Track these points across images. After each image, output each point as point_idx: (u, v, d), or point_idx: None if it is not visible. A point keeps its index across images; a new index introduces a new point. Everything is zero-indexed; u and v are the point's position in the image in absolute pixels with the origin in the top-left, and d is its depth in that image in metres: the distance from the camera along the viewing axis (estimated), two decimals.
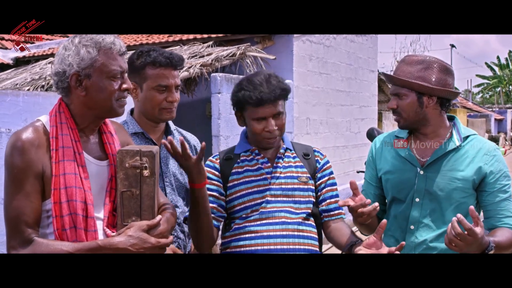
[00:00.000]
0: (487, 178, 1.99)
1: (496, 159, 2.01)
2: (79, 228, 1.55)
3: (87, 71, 1.60)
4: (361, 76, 8.88)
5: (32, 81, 6.27)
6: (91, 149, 1.68)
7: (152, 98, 2.17)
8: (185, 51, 6.37)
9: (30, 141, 1.55)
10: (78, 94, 1.62)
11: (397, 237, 2.10)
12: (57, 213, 1.54)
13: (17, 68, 8.27)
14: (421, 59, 2.03)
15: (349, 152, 8.41)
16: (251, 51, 6.17)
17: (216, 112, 5.51)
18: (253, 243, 1.99)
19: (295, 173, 2.11)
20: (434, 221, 2.01)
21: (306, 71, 7.19)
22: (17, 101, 3.99)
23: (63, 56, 1.62)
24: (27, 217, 1.51)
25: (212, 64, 5.72)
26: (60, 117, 1.63)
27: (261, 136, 2.04)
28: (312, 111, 7.38)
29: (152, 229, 1.61)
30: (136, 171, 1.63)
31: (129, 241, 1.54)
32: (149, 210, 1.64)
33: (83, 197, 1.57)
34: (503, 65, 44.74)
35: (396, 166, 2.11)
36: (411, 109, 2.03)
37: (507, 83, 44.69)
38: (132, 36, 8.57)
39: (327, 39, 7.76)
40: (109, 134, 1.74)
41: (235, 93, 2.06)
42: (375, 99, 9.59)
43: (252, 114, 2.02)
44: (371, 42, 9.20)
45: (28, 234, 1.51)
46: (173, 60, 2.18)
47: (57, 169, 1.55)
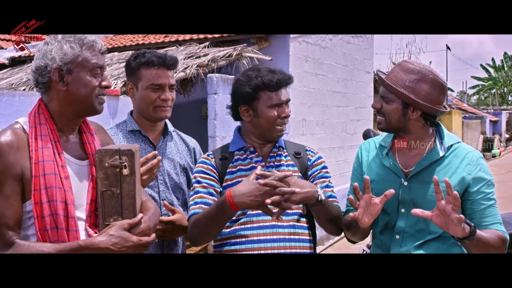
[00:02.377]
0: (470, 188, 1.97)
1: (479, 169, 1.99)
2: (61, 229, 1.55)
3: (69, 66, 1.62)
4: (357, 78, 8.90)
5: (28, 81, 6.25)
6: (71, 149, 1.69)
7: (146, 97, 2.25)
8: (181, 52, 6.37)
9: (8, 143, 1.55)
10: (59, 89, 1.63)
11: (383, 246, 2.08)
12: (38, 213, 1.54)
13: (12, 68, 8.24)
14: (417, 69, 1.97)
15: (344, 153, 8.43)
16: (247, 52, 6.18)
17: (212, 113, 5.51)
18: (244, 248, 1.97)
19: (287, 172, 2.09)
20: (419, 231, 2.00)
21: (302, 72, 7.20)
22: (13, 101, 3.99)
23: (45, 51, 1.63)
24: (8, 219, 1.51)
25: (208, 65, 5.72)
26: (39, 118, 1.63)
27: (275, 124, 2.04)
28: (308, 112, 7.39)
29: (133, 228, 1.61)
30: (115, 170, 1.63)
31: (110, 241, 1.54)
32: (130, 209, 1.64)
33: (64, 197, 1.57)
34: (498, 67, 44.93)
35: (380, 176, 2.09)
36: (394, 116, 2.01)
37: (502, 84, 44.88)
38: (128, 37, 8.56)
39: (323, 40, 7.78)
40: (89, 134, 1.75)
41: (246, 83, 2.04)
42: (371, 100, 9.60)
43: (269, 101, 2.02)
44: (367, 43, 9.22)
45: (9, 237, 1.51)
46: (166, 60, 2.26)
47: (37, 170, 1.55)
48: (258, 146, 2.13)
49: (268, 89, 2.01)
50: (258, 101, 2.04)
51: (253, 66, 2.16)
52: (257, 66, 2.12)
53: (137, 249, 1.59)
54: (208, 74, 5.59)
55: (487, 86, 45.54)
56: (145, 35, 8.12)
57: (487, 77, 45.89)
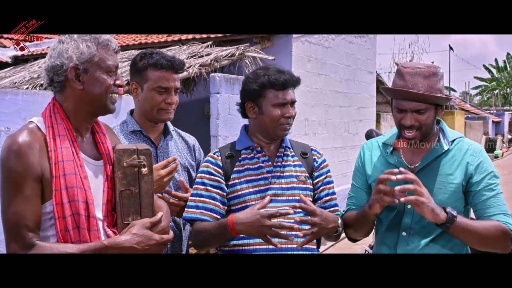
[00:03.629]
0: (472, 178, 1.98)
1: (481, 160, 2.01)
2: (82, 228, 1.55)
3: (85, 65, 1.61)
4: (359, 78, 8.89)
5: (31, 79, 6.26)
6: (86, 149, 1.68)
7: (152, 99, 2.24)
8: (184, 51, 6.38)
9: (27, 143, 1.53)
10: (75, 88, 1.62)
11: (389, 244, 2.08)
12: (59, 214, 1.53)
13: (15, 67, 8.26)
14: (433, 71, 1.97)
15: (347, 153, 8.43)
16: (250, 52, 6.18)
17: (214, 112, 5.52)
18: (252, 242, 2.00)
19: (294, 172, 2.13)
20: (425, 227, 2.00)
21: (305, 72, 7.20)
22: (16, 99, 3.99)
23: (60, 50, 1.61)
24: (28, 221, 1.49)
25: (211, 64, 5.73)
26: (55, 117, 1.62)
27: (278, 123, 2.07)
28: (310, 112, 7.39)
29: (154, 226, 1.62)
30: (134, 170, 1.64)
31: (134, 239, 1.55)
32: (148, 208, 1.65)
33: (84, 197, 1.57)
34: (501, 67, 44.82)
35: None
36: (431, 122, 2.01)
37: (505, 85, 44.79)
38: (131, 36, 8.57)
39: (326, 40, 7.78)
40: (101, 134, 1.75)
41: (253, 80, 2.09)
42: (373, 101, 9.60)
43: (274, 100, 2.06)
44: (370, 43, 9.21)
45: (30, 239, 1.49)
46: (175, 64, 2.26)
47: (57, 170, 1.54)
48: (264, 145, 2.15)
49: (274, 88, 2.05)
50: (263, 99, 2.07)
51: (264, 65, 2.20)
52: (267, 66, 2.17)
53: (159, 247, 1.61)
54: (211, 74, 5.59)
55: (490, 86, 45.44)
56: (148, 35, 8.12)
57: (490, 77, 45.78)
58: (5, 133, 3.85)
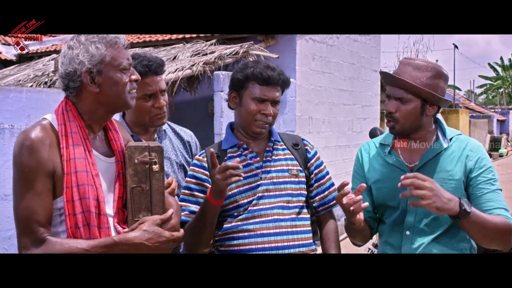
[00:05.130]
0: (471, 173, 1.98)
1: (480, 155, 2.00)
2: (93, 226, 1.55)
3: (98, 67, 1.61)
4: (363, 76, 8.87)
5: (35, 77, 6.28)
6: (99, 146, 1.69)
7: (141, 108, 2.21)
8: (188, 49, 6.37)
9: (40, 139, 1.54)
10: (92, 91, 1.62)
11: (393, 244, 2.07)
12: (70, 211, 1.53)
13: (20, 65, 8.28)
14: (430, 66, 1.98)
15: (351, 152, 8.41)
16: (254, 50, 6.17)
17: (218, 110, 5.51)
18: (247, 242, 1.98)
19: (286, 166, 2.09)
20: (428, 225, 1.99)
21: (309, 70, 7.18)
22: (20, 97, 4.00)
23: (71, 56, 1.61)
24: (39, 216, 1.51)
25: (215, 62, 5.72)
26: (68, 115, 1.62)
27: (254, 118, 2.04)
28: (314, 110, 7.38)
29: (164, 223, 1.62)
30: (145, 167, 1.64)
31: (144, 236, 1.55)
32: (159, 205, 1.65)
33: (95, 194, 1.57)
34: (506, 66, 44.62)
35: (385, 174, 2.08)
36: (412, 115, 1.99)
37: (510, 84, 44.59)
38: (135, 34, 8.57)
39: (330, 38, 7.76)
40: (114, 131, 1.75)
41: (240, 70, 2.07)
42: (377, 99, 9.57)
43: (254, 93, 2.03)
44: (374, 41, 9.18)
45: (41, 234, 1.50)
46: (152, 67, 2.22)
47: (69, 167, 1.55)
48: (250, 142, 2.12)
49: (257, 82, 2.02)
50: (245, 90, 2.05)
51: (257, 59, 2.18)
52: (260, 60, 2.16)
53: (169, 244, 1.60)
54: (215, 72, 5.59)
55: (495, 85, 45.25)
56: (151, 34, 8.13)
57: (495, 76, 45.59)
58: (9, 131, 3.86)
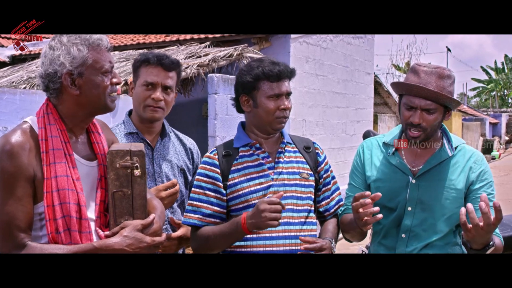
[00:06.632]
0: (472, 186, 1.99)
1: (483, 168, 2.02)
2: (73, 231, 1.54)
3: (79, 69, 1.59)
4: (357, 78, 8.90)
5: (29, 79, 6.25)
6: (80, 149, 1.66)
7: (139, 94, 2.25)
8: (182, 51, 6.37)
9: (20, 144, 1.52)
10: (72, 93, 1.60)
11: (388, 245, 2.08)
12: (50, 216, 1.52)
13: (13, 66, 8.25)
14: (447, 73, 1.97)
15: (344, 154, 8.44)
16: (248, 52, 6.18)
17: (212, 113, 5.52)
18: (255, 244, 1.97)
19: (297, 168, 2.09)
20: (425, 230, 2.00)
21: (303, 73, 7.20)
22: (13, 99, 3.99)
23: (52, 56, 1.59)
24: (20, 221, 1.49)
25: (209, 65, 5.72)
26: (48, 118, 1.60)
27: (274, 116, 2.02)
28: (308, 112, 7.40)
29: (146, 228, 1.60)
30: (127, 171, 1.62)
31: (125, 242, 1.53)
32: (141, 209, 1.64)
33: (76, 199, 1.55)
34: (499, 69, 44.88)
35: (387, 174, 2.08)
36: (436, 123, 1.98)
37: (502, 87, 44.85)
38: (129, 36, 8.56)
39: (323, 41, 7.78)
40: (97, 133, 1.73)
41: (247, 73, 2.05)
42: (371, 102, 9.61)
43: (269, 91, 2.01)
44: (368, 44, 9.22)
45: (21, 239, 1.49)
46: (163, 60, 2.24)
47: (49, 172, 1.53)
48: (263, 141, 2.10)
49: (268, 79, 2.01)
50: (258, 91, 2.03)
51: (257, 58, 2.17)
52: (260, 58, 2.12)
53: (150, 249, 1.58)
54: (209, 74, 5.59)
55: (488, 88, 45.49)
56: (146, 35, 8.12)
57: (488, 79, 45.84)
58: (2, 133, 3.85)
